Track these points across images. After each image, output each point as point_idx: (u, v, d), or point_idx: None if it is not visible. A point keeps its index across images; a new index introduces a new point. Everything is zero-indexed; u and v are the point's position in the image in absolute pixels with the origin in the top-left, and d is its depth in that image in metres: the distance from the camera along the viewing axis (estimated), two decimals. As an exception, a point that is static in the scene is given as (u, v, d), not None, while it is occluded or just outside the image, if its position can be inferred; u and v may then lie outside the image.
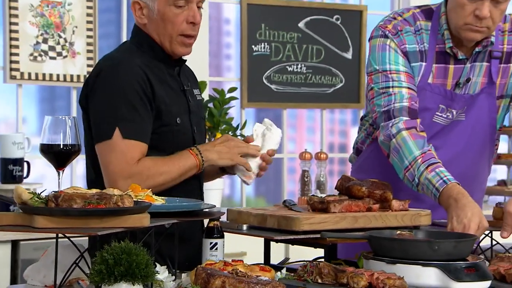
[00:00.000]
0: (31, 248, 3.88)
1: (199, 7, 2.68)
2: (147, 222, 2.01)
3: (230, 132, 4.85)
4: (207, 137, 4.85)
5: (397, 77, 2.73)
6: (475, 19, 2.62)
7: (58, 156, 2.19)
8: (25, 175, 4.16)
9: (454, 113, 2.79)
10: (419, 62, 2.76)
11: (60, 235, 1.98)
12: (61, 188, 2.20)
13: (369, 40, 2.88)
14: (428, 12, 2.82)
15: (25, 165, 4.16)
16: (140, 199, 2.25)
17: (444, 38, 2.76)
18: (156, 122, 2.62)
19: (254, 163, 2.73)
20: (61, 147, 2.18)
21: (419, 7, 2.86)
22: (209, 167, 2.73)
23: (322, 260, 2.54)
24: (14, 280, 2.82)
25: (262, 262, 2.55)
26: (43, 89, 4.75)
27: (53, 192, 2.00)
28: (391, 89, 2.72)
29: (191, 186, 2.73)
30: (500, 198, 5.63)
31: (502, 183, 5.68)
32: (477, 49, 2.76)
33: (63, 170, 2.20)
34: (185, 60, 2.83)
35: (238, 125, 4.91)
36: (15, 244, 3.91)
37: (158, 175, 2.57)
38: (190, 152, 2.61)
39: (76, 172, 4.72)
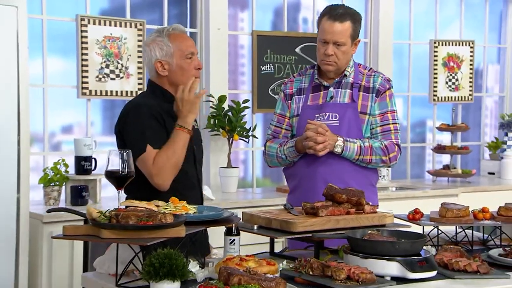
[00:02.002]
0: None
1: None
2: (183, 232, 2.02)
3: (244, 133, 4.84)
4: (226, 136, 4.87)
5: (276, 117, 3.12)
6: (325, 56, 2.98)
7: (118, 180, 2.19)
8: (93, 168, 4.16)
9: (325, 115, 3.00)
10: (300, 95, 3.07)
11: (119, 242, 1.99)
12: (120, 201, 2.20)
13: None
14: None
15: (93, 161, 4.16)
16: (178, 209, 2.25)
17: (315, 74, 3.07)
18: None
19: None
20: (120, 172, 2.18)
21: None
22: None
23: (312, 247, 2.55)
24: (85, 256, 2.84)
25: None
26: (105, 101, 4.73)
27: (114, 210, 2.01)
28: (270, 126, 3.14)
29: (192, 180, 2.80)
30: (444, 179, 5.62)
31: (446, 167, 5.64)
32: (336, 79, 3.03)
33: (122, 190, 2.20)
34: None
35: (250, 127, 4.90)
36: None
37: (170, 158, 2.62)
38: (180, 130, 2.68)
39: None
